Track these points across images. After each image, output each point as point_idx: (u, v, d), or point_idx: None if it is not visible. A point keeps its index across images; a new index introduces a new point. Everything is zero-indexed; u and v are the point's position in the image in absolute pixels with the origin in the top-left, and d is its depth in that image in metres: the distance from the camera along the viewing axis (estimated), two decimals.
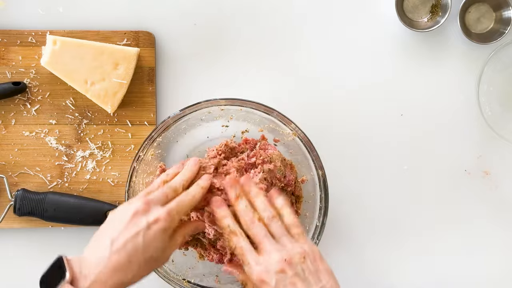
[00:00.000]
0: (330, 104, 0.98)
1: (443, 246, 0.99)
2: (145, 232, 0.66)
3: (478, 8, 0.99)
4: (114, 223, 0.68)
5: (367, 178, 0.98)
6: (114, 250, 0.65)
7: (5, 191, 0.92)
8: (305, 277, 0.67)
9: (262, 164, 0.81)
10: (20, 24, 0.95)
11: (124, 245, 0.65)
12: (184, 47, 0.96)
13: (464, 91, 0.99)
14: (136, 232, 0.66)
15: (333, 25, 0.98)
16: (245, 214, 0.71)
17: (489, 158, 0.99)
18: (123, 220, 0.67)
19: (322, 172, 0.83)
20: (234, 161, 0.80)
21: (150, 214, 0.67)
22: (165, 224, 0.67)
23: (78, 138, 0.95)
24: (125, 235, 0.66)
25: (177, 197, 0.71)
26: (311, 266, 0.68)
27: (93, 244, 0.68)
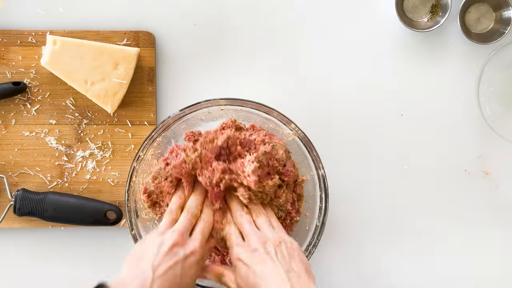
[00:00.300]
0: (330, 104, 0.98)
1: (443, 246, 0.99)
2: (183, 262, 0.71)
3: (478, 8, 0.99)
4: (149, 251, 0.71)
5: (367, 178, 0.98)
6: (157, 276, 0.68)
7: (5, 191, 0.92)
8: (276, 258, 0.71)
9: (259, 145, 0.81)
10: (20, 24, 0.95)
11: (165, 272, 0.69)
12: (184, 47, 0.97)
13: (464, 91, 0.99)
14: (175, 262, 0.70)
15: (333, 25, 0.98)
16: (238, 213, 0.79)
17: (489, 158, 0.99)
18: (162, 249, 0.71)
19: (322, 172, 0.83)
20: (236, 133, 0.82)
21: (187, 247, 0.73)
22: (198, 256, 0.73)
23: (78, 138, 0.95)
24: (167, 263, 0.70)
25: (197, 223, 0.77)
26: (285, 251, 0.72)
27: (129, 269, 0.70)
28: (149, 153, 0.84)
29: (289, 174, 0.83)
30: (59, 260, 0.96)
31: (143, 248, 0.72)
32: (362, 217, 0.98)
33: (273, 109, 0.83)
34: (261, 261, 0.71)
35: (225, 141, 0.79)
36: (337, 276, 0.98)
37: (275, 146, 0.83)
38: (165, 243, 0.72)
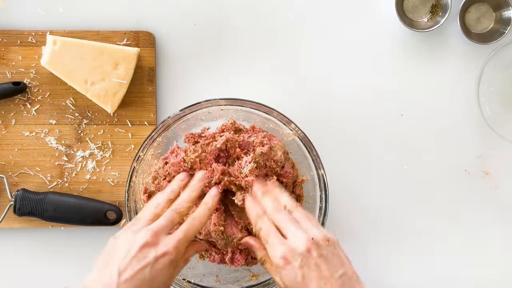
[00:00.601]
0: (330, 104, 0.98)
1: (443, 246, 0.99)
2: (153, 265, 0.66)
3: (478, 8, 0.99)
4: (119, 252, 0.67)
5: (367, 178, 0.98)
6: (122, 281, 0.64)
7: (5, 191, 0.92)
8: (329, 260, 0.67)
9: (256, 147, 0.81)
10: (20, 24, 0.95)
11: (131, 278, 0.65)
12: (184, 47, 0.97)
13: (464, 91, 0.99)
14: (144, 265, 0.66)
15: (333, 25, 0.98)
16: (270, 205, 0.73)
17: (489, 158, 0.99)
18: (131, 251, 0.66)
19: (322, 172, 0.83)
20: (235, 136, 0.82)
21: (159, 247, 0.67)
22: (172, 257, 0.68)
23: (78, 138, 0.95)
24: (133, 267, 0.65)
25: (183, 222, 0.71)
26: (334, 250, 0.68)
27: (98, 272, 0.67)
28: (149, 153, 0.84)
29: (287, 175, 0.83)
30: (59, 260, 0.96)
31: (114, 247, 0.68)
32: (362, 217, 0.98)
33: (273, 109, 0.83)
34: (315, 264, 0.66)
35: (223, 143, 0.80)
36: None
37: (274, 148, 0.82)
38: (136, 243, 0.67)
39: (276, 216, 0.72)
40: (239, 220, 0.80)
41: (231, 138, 0.81)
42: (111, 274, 0.65)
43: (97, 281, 0.65)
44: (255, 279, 0.85)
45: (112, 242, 0.69)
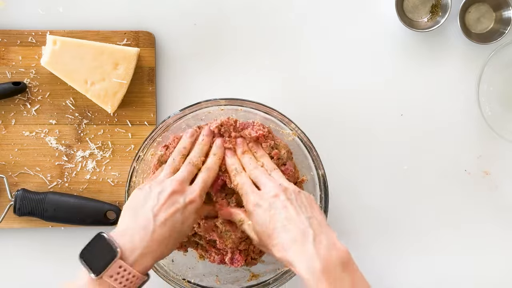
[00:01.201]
0: (330, 104, 0.98)
1: (443, 246, 0.99)
2: (183, 210, 0.72)
3: (478, 8, 0.99)
4: (149, 199, 0.72)
5: (367, 178, 0.98)
6: (158, 224, 0.70)
7: (5, 191, 0.92)
8: (297, 205, 0.71)
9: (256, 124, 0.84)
10: (20, 24, 0.95)
11: (165, 221, 0.70)
12: (184, 47, 0.96)
13: (464, 91, 0.99)
14: (175, 210, 0.71)
15: (333, 25, 0.98)
16: (249, 163, 0.79)
17: (489, 158, 0.99)
18: (161, 197, 0.72)
19: (322, 172, 0.83)
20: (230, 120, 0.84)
21: (186, 195, 0.73)
22: (197, 205, 0.74)
23: (78, 138, 0.95)
24: (167, 211, 0.71)
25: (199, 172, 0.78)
26: (304, 199, 0.73)
27: (130, 217, 0.71)
28: (149, 153, 0.84)
29: (288, 172, 0.83)
30: (59, 260, 0.95)
31: (141, 197, 0.73)
32: (362, 217, 0.98)
33: (273, 109, 0.83)
34: (283, 207, 0.70)
35: (217, 127, 0.82)
36: None
37: (278, 146, 0.84)
38: (165, 191, 0.72)
39: (252, 171, 0.78)
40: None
41: (226, 121, 0.83)
42: (147, 218, 0.70)
43: (133, 226, 0.70)
44: (255, 279, 0.85)
45: (138, 192, 0.74)
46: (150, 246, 0.68)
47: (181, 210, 0.72)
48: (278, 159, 0.83)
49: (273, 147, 0.84)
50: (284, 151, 0.84)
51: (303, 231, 0.67)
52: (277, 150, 0.83)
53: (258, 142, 0.83)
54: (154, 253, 0.69)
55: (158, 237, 0.69)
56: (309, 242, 0.66)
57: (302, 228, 0.68)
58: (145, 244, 0.68)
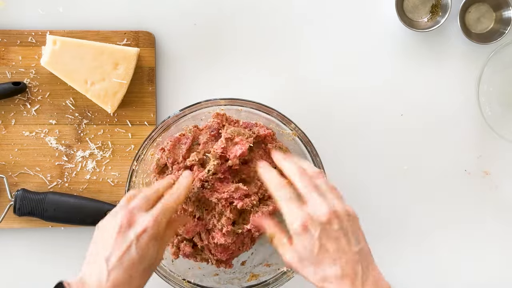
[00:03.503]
0: (330, 104, 0.98)
1: (443, 246, 0.99)
2: (136, 244, 0.66)
3: (478, 8, 0.99)
4: (103, 240, 0.67)
5: (366, 178, 0.98)
6: (111, 269, 0.65)
7: (5, 191, 0.92)
8: (348, 235, 0.65)
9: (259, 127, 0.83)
10: (20, 24, 0.95)
11: (119, 262, 0.65)
12: (184, 47, 0.97)
13: (464, 91, 0.99)
14: (128, 246, 0.66)
15: (333, 25, 0.98)
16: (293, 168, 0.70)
17: (489, 158, 0.99)
18: (112, 235, 0.66)
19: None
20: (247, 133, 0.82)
21: (137, 225, 0.67)
22: (153, 232, 0.67)
23: (78, 138, 0.95)
24: (118, 251, 0.65)
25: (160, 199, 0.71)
26: (354, 225, 0.67)
27: (88, 264, 0.67)
28: (149, 153, 0.84)
29: None
30: (59, 260, 0.95)
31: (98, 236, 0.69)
32: (362, 217, 0.97)
33: (273, 109, 0.83)
34: (334, 237, 0.64)
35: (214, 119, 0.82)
36: None
37: (282, 148, 0.84)
38: (114, 228, 0.67)
39: (297, 179, 0.68)
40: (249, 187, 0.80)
41: (221, 114, 0.82)
42: (99, 264, 0.65)
43: (90, 272, 0.66)
44: (255, 279, 0.85)
45: (96, 231, 0.70)
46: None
47: (134, 244, 0.66)
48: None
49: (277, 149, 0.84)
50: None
51: (353, 268, 0.64)
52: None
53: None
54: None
55: (114, 283, 0.64)
56: (358, 281, 0.63)
57: (351, 265, 0.64)
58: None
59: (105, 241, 0.67)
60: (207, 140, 0.82)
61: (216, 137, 0.83)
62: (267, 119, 0.85)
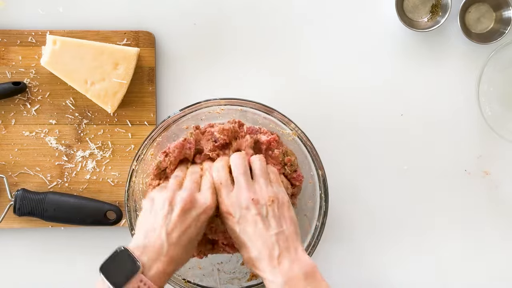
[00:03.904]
0: (330, 104, 0.98)
1: (442, 246, 0.99)
2: (196, 223, 0.72)
3: (478, 8, 0.99)
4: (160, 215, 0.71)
5: (367, 178, 0.98)
6: (171, 243, 0.70)
7: (5, 191, 0.92)
8: (267, 219, 0.72)
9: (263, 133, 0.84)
10: (20, 24, 0.95)
11: (179, 239, 0.70)
12: (184, 47, 0.97)
13: (464, 91, 0.99)
14: (189, 225, 0.71)
15: (333, 25, 0.98)
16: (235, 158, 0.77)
17: (489, 158, 0.99)
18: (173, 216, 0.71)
19: (322, 172, 0.83)
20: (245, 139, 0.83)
21: (198, 206, 0.73)
22: (211, 212, 0.74)
23: (78, 138, 0.95)
24: (180, 228, 0.71)
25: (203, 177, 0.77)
26: (276, 210, 0.72)
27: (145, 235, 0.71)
28: (149, 153, 0.84)
29: (300, 179, 0.84)
30: (59, 260, 0.96)
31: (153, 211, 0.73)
32: (362, 217, 0.98)
33: (273, 109, 0.83)
34: (252, 222, 0.71)
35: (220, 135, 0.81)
36: (336, 276, 0.98)
37: (287, 152, 0.84)
38: (175, 209, 0.72)
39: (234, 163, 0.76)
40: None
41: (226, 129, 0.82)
42: (160, 237, 0.70)
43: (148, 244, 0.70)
44: (255, 279, 0.85)
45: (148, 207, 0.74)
46: (163, 265, 0.69)
47: (195, 223, 0.72)
48: (290, 166, 0.83)
49: (285, 154, 0.84)
50: (294, 158, 0.84)
51: (269, 248, 0.70)
52: (289, 157, 0.83)
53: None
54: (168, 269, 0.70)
55: (171, 256, 0.70)
56: (274, 259, 0.69)
57: (268, 245, 0.70)
58: (161, 263, 0.69)
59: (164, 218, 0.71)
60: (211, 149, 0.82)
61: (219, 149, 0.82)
62: (267, 119, 0.85)
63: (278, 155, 0.83)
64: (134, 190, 0.84)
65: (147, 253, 0.69)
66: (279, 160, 0.83)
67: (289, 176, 0.84)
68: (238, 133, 0.84)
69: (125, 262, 0.67)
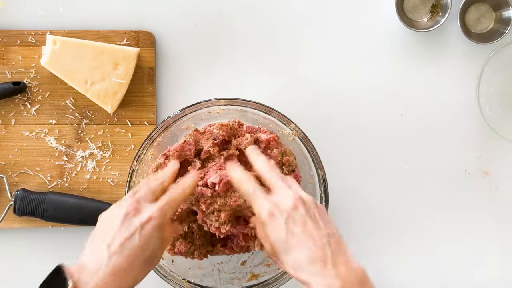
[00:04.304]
0: (330, 104, 0.98)
1: (442, 246, 0.99)
2: (140, 231, 0.66)
3: (478, 8, 0.99)
4: (106, 227, 0.67)
5: (367, 178, 0.98)
6: (112, 253, 0.65)
7: (5, 191, 0.92)
8: (316, 220, 0.66)
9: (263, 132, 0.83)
10: (20, 24, 0.95)
11: (121, 248, 0.65)
12: (184, 47, 0.97)
13: (464, 91, 0.99)
14: (131, 233, 0.66)
15: (333, 25, 0.98)
16: (262, 163, 0.72)
17: (489, 158, 0.99)
18: (116, 223, 0.66)
19: (322, 172, 0.83)
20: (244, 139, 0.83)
21: (142, 214, 0.67)
22: (158, 221, 0.67)
23: (78, 138, 0.95)
24: (120, 237, 0.65)
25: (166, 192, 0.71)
26: (322, 213, 0.68)
27: (89, 249, 0.67)
28: (149, 153, 0.84)
29: (298, 179, 0.84)
30: (59, 260, 0.95)
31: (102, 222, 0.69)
32: (362, 217, 0.98)
33: (273, 109, 0.83)
34: (302, 222, 0.65)
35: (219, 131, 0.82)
36: None
37: (286, 152, 0.84)
38: (119, 214, 0.67)
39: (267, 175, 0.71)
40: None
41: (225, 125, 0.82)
42: (100, 249, 0.65)
43: (90, 257, 0.66)
44: (255, 279, 0.85)
45: (100, 218, 0.70)
46: (104, 279, 0.63)
47: (138, 232, 0.65)
48: (288, 166, 0.84)
49: (283, 154, 0.84)
50: (293, 158, 0.84)
51: (322, 250, 0.64)
52: (287, 157, 0.84)
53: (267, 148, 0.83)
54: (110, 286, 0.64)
55: (113, 268, 0.64)
56: (328, 263, 0.63)
57: (321, 247, 0.64)
58: (100, 277, 0.63)
59: (108, 229, 0.66)
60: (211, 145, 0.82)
61: (219, 146, 0.82)
62: (267, 119, 0.85)
63: (277, 154, 0.83)
64: None
65: (85, 269, 0.64)
66: (277, 160, 0.83)
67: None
68: (238, 131, 0.84)
69: (59, 281, 0.64)
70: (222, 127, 0.83)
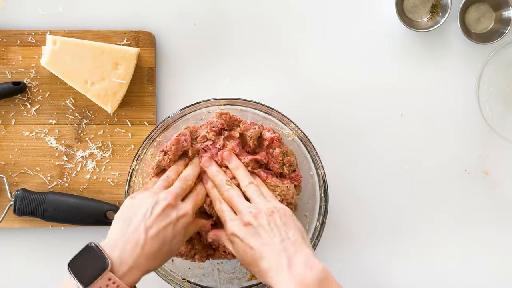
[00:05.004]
0: (330, 104, 0.98)
1: (443, 246, 0.99)
2: (175, 225, 0.72)
3: (478, 8, 0.99)
4: (144, 211, 0.71)
5: (367, 178, 0.98)
6: (149, 238, 0.69)
7: (5, 191, 0.92)
8: (270, 228, 0.71)
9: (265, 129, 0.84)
10: (20, 24, 0.95)
11: (157, 234, 0.70)
12: (184, 47, 0.97)
13: (464, 91, 0.99)
14: (167, 223, 0.71)
15: (333, 25, 0.98)
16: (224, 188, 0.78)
17: (489, 158, 0.99)
18: (155, 210, 0.72)
19: (322, 172, 0.83)
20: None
21: (179, 209, 0.74)
22: (189, 219, 0.75)
23: (78, 138, 0.95)
24: (159, 225, 0.70)
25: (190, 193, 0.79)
26: (278, 220, 0.72)
27: (122, 228, 0.70)
28: (149, 153, 0.84)
29: (298, 179, 0.84)
30: (59, 260, 0.95)
31: (134, 207, 0.73)
32: (362, 217, 0.98)
33: (273, 109, 0.83)
34: (255, 234, 0.71)
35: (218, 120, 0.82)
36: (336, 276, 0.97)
37: (287, 152, 0.84)
38: (159, 203, 0.72)
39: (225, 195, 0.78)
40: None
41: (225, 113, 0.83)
42: (139, 230, 0.69)
43: (124, 238, 0.69)
44: (255, 279, 0.85)
45: (130, 202, 0.74)
46: (139, 260, 0.68)
47: (173, 224, 0.72)
48: (289, 166, 0.84)
49: (285, 154, 0.84)
50: (294, 158, 0.84)
51: (277, 256, 0.68)
52: (288, 157, 0.84)
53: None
54: (143, 267, 0.69)
55: (148, 251, 0.69)
56: (284, 267, 0.67)
57: (276, 253, 0.68)
58: (135, 258, 0.68)
59: (145, 212, 0.71)
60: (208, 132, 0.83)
61: (218, 134, 0.83)
62: (267, 118, 0.85)
63: (279, 154, 0.83)
64: (134, 190, 0.84)
65: (121, 248, 0.68)
66: (279, 160, 0.83)
67: (288, 176, 0.84)
68: (240, 122, 0.84)
69: (94, 259, 0.66)
70: (222, 115, 0.83)
